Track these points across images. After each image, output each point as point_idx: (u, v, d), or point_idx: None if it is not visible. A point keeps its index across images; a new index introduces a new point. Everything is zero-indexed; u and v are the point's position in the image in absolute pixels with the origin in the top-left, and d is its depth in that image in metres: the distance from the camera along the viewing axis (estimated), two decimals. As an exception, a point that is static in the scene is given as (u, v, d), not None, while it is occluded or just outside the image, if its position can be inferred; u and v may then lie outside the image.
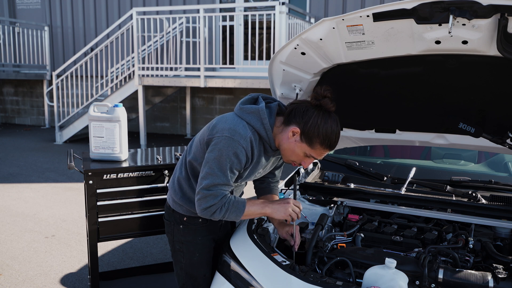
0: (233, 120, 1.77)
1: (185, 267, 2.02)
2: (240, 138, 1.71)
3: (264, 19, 7.08)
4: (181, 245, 2.01)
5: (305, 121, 1.73)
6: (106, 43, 8.47)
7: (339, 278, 1.73)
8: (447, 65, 1.86)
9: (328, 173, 2.69)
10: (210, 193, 1.72)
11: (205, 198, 1.72)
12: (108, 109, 2.67)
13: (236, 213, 1.76)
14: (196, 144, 1.90)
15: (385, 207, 2.31)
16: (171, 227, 2.02)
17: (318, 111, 1.74)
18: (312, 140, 1.74)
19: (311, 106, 1.75)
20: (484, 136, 2.03)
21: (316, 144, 1.74)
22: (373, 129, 2.35)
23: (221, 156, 1.70)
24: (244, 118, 1.78)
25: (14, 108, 11.92)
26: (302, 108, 1.76)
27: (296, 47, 1.92)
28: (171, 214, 2.02)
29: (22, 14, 11.31)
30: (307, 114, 1.74)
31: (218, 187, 1.72)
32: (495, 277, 1.63)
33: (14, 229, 4.40)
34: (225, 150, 1.70)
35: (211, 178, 1.72)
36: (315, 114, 1.73)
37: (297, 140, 1.76)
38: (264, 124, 1.78)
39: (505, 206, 2.18)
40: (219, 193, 1.73)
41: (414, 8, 1.57)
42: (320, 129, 1.72)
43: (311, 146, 1.75)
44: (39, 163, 7.30)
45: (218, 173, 1.71)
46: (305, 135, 1.73)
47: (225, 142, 1.70)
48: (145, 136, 8.53)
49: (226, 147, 1.70)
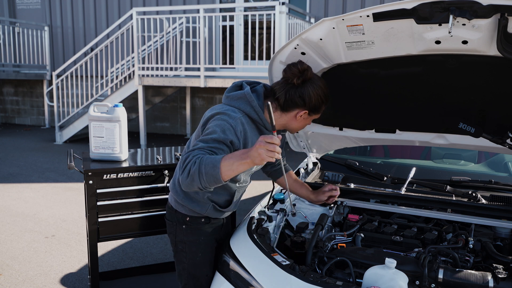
0: (222, 107, 1.80)
1: (188, 267, 2.01)
2: (228, 118, 1.74)
3: (264, 19, 7.08)
4: (183, 245, 2.00)
5: (308, 102, 1.82)
6: (106, 43, 8.47)
7: (339, 278, 1.73)
8: (447, 65, 1.86)
9: (328, 173, 2.69)
10: (187, 155, 1.63)
11: (183, 162, 1.63)
12: (108, 109, 2.67)
13: (212, 164, 1.55)
14: (193, 142, 1.88)
15: (385, 207, 2.31)
16: (174, 228, 2.01)
17: (307, 85, 1.82)
18: (319, 108, 1.88)
19: (300, 86, 1.81)
20: (484, 136, 2.03)
21: (323, 107, 1.90)
22: (373, 129, 2.35)
23: (208, 133, 1.70)
24: (232, 105, 1.81)
25: (14, 108, 11.92)
26: (294, 93, 1.82)
27: (296, 47, 1.92)
28: (173, 214, 2.01)
29: (22, 14, 11.31)
30: (304, 95, 1.81)
31: (198, 151, 1.64)
32: (495, 277, 1.63)
33: (14, 229, 4.40)
34: (212, 128, 1.71)
35: (194, 146, 1.67)
36: (309, 89, 1.81)
37: (306, 118, 1.90)
38: (253, 106, 1.81)
39: (505, 206, 2.18)
40: (197, 153, 1.62)
41: (414, 8, 1.57)
42: (321, 96, 1.85)
43: (319, 112, 1.91)
44: (39, 163, 7.30)
45: (199, 143, 1.67)
46: (313, 109, 1.86)
47: (213, 122, 1.73)
48: (145, 136, 8.53)
49: (214, 126, 1.71)
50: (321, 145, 2.65)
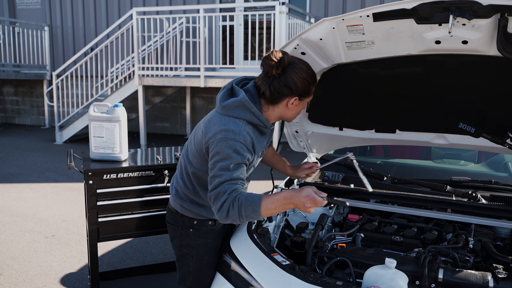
0: (221, 121, 1.73)
1: (194, 271, 1.98)
2: (235, 135, 1.68)
3: (264, 19, 7.08)
4: (190, 249, 1.97)
5: (295, 88, 1.75)
6: (106, 43, 8.47)
7: (339, 278, 1.73)
8: (447, 65, 1.86)
9: (328, 173, 2.68)
10: (218, 191, 1.65)
11: (216, 198, 1.66)
12: (108, 109, 2.67)
13: (252, 208, 1.60)
14: (194, 154, 1.85)
15: (385, 207, 2.31)
16: (178, 232, 1.98)
17: (289, 70, 1.74)
18: (309, 90, 1.80)
19: (281, 75, 1.74)
20: (484, 136, 2.03)
21: (312, 88, 1.82)
22: (373, 129, 2.35)
23: (223, 158, 1.67)
24: (231, 115, 1.74)
25: (14, 108, 11.92)
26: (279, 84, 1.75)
27: (296, 47, 1.92)
28: (178, 219, 1.97)
29: (22, 14, 11.31)
30: (288, 82, 1.74)
31: (224, 183, 1.65)
32: (495, 277, 1.63)
33: (14, 229, 4.40)
34: (224, 151, 1.66)
35: (217, 179, 1.66)
36: (292, 74, 1.73)
37: (297, 104, 1.82)
38: (253, 112, 1.75)
39: (505, 206, 2.18)
40: (227, 187, 1.64)
41: (414, 8, 1.57)
42: (308, 78, 1.76)
43: (310, 94, 1.83)
44: (39, 163, 7.30)
45: (222, 173, 1.66)
46: (302, 94, 1.79)
47: (221, 144, 1.67)
48: (145, 136, 8.53)
49: (225, 148, 1.67)
50: (321, 145, 2.65)
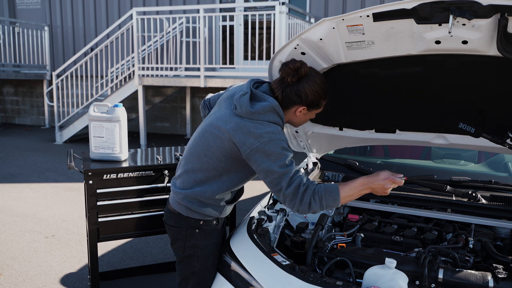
0: (257, 126, 1.76)
1: (199, 272, 1.96)
2: (276, 135, 1.75)
3: (264, 19, 7.08)
4: (195, 250, 1.94)
5: (305, 98, 1.83)
6: (106, 43, 8.47)
7: (339, 278, 1.73)
8: (447, 65, 1.86)
9: (328, 173, 2.68)
10: (294, 187, 1.70)
11: (294, 194, 1.71)
12: (108, 109, 2.67)
13: (332, 197, 1.72)
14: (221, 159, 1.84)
15: (385, 207, 2.31)
16: (182, 233, 1.95)
17: (303, 82, 1.82)
18: (319, 103, 1.89)
19: (295, 83, 1.82)
20: (484, 136, 2.03)
21: (322, 102, 1.90)
22: (373, 129, 2.35)
23: (278, 157, 1.72)
24: (262, 119, 1.77)
25: (14, 108, 11.92)
26: (290, 91, 1.83)
27: (296, 47, 1.92)
28: (182, 221, 1.94)
29: (22, 14, 11.31)
30: (300, 92, 1.82)
31: (294, 177, 1.72)
32: (495, 277, 1.63)
33: (14, 229, 4.40)
34: (276, 151, 1.72)
35: (284, 177, 1.72)
36: (305, 85, 1.82)
37: (305, 113, 1.91)
38: (280, 116, 1.84)
39: (505, 206, 2.18)
40: (299, 180, 1.72)
41: (414, 8, 1.57)
42: (319, 92, 1.85)
43: (319, 107, 1.92)
44: (39, 163, 7.30)
45: (286, 169, 1.72)
46: (312, 105, 1.87)
47: (270, 145, 1.72)
48: (145, 136, 8.53)
49: (274, 148, 1.72)
50: (321, 145, 2.65)
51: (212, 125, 1.87)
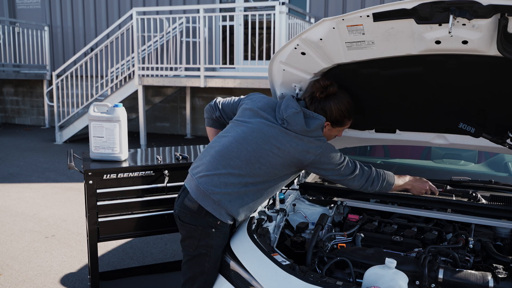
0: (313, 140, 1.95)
1: (208, 272, 1.95)
2: (328, 145, 1.99)
3: (264, 19, 7.08)
4: (208, 249, 1.93)
5: (329, 115, 2.02)
6: (106, 43, 8.47)
7: (339, 278, 1.73)
8: (447, 65, 1.86)
9: (328, 173, 2.68)
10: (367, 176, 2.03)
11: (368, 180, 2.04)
12: (108, 109, 2.67)
13: (389, 183, 2.09)
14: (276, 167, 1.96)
15: (385, 207, 2.31)
16: (198, 232, 1.93)
17: (329, 99, 2.01)
18: (342, 121, 2.06)
19: (322, 100, 2.01)
20: (484, 136, 2.03)
21: (346, 121, 2.08)
22: (373, 129, 2.35)
23: (340, 158, 1.98)
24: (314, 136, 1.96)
25: (14, 108, 11.92)
26: (319, 106, 2.02)
27: (296, 47, 1.92)
28: (200, 219, 1.93)
29: (22, 14, 11.31)
30: (326, 108, 2.01)
31: (363, 169, 2.03)
32: (495, 277, 1.63)
33: (14, 229, 4.40)
34: (336, 155, 1.98)
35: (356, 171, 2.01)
36: (331, 103, 2.01)
37: (330, 129, 2.08)
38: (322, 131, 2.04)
39: (505, 206, 2.18)
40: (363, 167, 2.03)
41: (414, 8, 1.57)
42: (343, 111, 2.03)
43: (343, 125, 2.09)
44: (39, 163, 7.30)
45: (354, 165, 2.02)
46: (335, 123, 2.05)
47: (327, 150, 1.96)
48: (145, 136, 8.53)
49: (331, 151, 1.97)
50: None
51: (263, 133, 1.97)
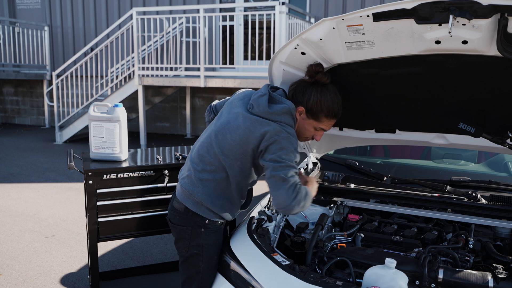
0: (276, 124, 1.81)
1: (203, 271, 1.95)
2: (292, 135, 1.83)
3: (264, 19, 7.08)
4: (200, 249, 1.93)
5: (307, 100, 1.88)
6: (106, 43, 8.47)
7: (339, 278, 1.73)
8: (447, 65, 1.86)
9: (328, 173, 2.68)
10: (294, 181, 1.76)
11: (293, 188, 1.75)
12: (108, 109, 2.67)
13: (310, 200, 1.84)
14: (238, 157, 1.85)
15: (385, 207, 2.31)
16: (188, 232, 1.94)
17: (315, 87, 1.89)
18: (317, 115, 1.90)
19: (308, 84, 1.90)
20: (484, 136, 2.03)
21: (322, 117, 1.91)
22: (373, 129, 2.35)
23: (289, 153, 1.78)
24: (279, 121, 1.82)
25: (14, 108, 11.92)
26: (301, 87, 1.91)
27: (296, 47, 1.92)
28: (188, 219, 1.93)
29: (22, 14, 11.31)
30: (307, 92, 1.88)
31: (295, 176, 1.78)
32: (495, 277, 1.63)
33: (14, 229, 4.40)
34: (290, 148, 1.78)
35: (291, 170, 1.76)
36: (313, 90, 1.88)
37: (304, 118, 1.92)
38: (294, 119, 1.89)
39: (505, 206, 2.18)
40: (297, 180, 1.77)
41: (414, 8, 1.57)
42: (322, 104, 1.88)
43: (318, 120, 1.92)
44: (39, 163, 7.30)
45: (289, 163, 1.77)
46: (310, 112, 1.90)
47: (286, 141, 1.78)
48: (145, 136, 8.53)
49: (289, 145, 1.79)
50: (321, 145, 2.65)
51: (229, 123, 1.87)
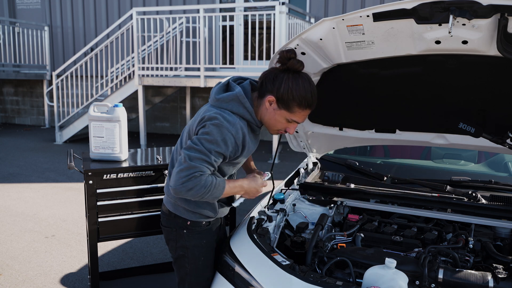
0: (217, 110, 1.74)
1: (190, 273, 1.96)
2: (229, 125, 1.70)
3: (264, 19, 7.08)
4: (185, 251, 1.94)
5: (277, 88, 1.72)
6: (106, 43, 8.47)
7: (339, 278, 1.73)
8: (447, 65, 1.86)
9: (328, 173, 2.68)
10: (194, 165, 1.64)
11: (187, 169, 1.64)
12: (108, 109, 2.67)
13: (215, 195, 1.71)
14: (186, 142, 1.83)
15: (385, 207, 2.31)
16: (173, 234, 1.95)
17: (287, 74, 1.72)
18: (289, 104, 1.73)
19: (279, 71, 1.74)
20: (484, 136, 2.03)
21: (294, 107, 1.74)
22: (373, 129, 2.35)
23: (210, 141, 1.67)
24: (225, 108, 1.75)
25: (14, 108, 11.92)
26: (271, 75, 1.75)
27: (296, 47, 1.92)
28: (171, 220, 1.95)
29: (22, 14, 11.31)
30: (277, 79, 1.72)
31: (204, 163, 1.66)
32: (495, 277, 1.63)
33: (14, 229, 4.40)
34: (215, 135, 1.68)
35: (199, 154, 1.66)
36: (285, 78, 1.71)
37: (275, 108, 1.76)
38: (246, 108, 1.77)
39: (505, 206, 2.18)
40: (204, 169, 1.66)
41: (414, 8, 1.57)
42: (294, 92, 1.71)
43: (290, 110, 1.75)
44: (39, 163, 7.30)
45: (206, 153, 1.66)
46: (281, 101, 1.73)
47: (214, 128, 1.68)
48: (145, 136, 8.53)
49: (216, 133, 1.68)
50: (321, 145, 2.65)
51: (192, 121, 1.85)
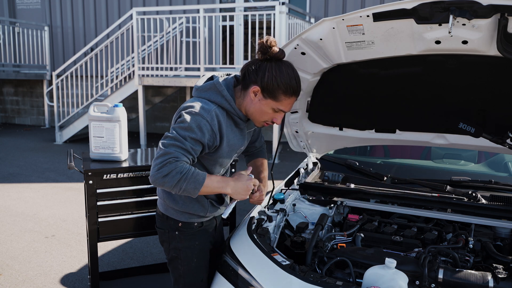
0: (194, 100, 1.75)
1: (184, 274, 1.96)
2: (203, 112, 1.69)
3: (264, 19, 7.08)
4: (178, 252, 1.95)
5: (261, 77, 1.70)
6: (106, 43, 8.47)
7: (339, 278, 1.73)
8: (447, 65, 1.86)
9: (328, 173, 2.68)
10: (169, 151, 1.63)
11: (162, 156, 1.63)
12: (108, 109, 2.67)
13: (194, 185, 1.65)
14: None
15: (385, 207, 2.31)
16: (166, 235, 1.96)
17: (270, 63, 1.71)
18: (274, 93, 1.71)
19: (261, 61, 1.73)
20: (484, 136, 2.03)
21: (280, 95, 1.72)
22: (373, 129, 2.35)
23: (185, 128, 1.67)
24: (203, 97, 1.76)
25: (14, 108, 11.92)
26: (254, 66, 1.74)
27: (296, 47, 1.92)
28: (164, 221, 1.95)
29: (22, 14, 11.32)
30: (261, 69, 1.71)
31: (178, 149, 1.65)
32: (495, 277, 1.63)
33: (14, 229, 4.40)
34: (189, 123, 1.67)
35: (173, 141, 1.65)
36: (268, 66, 1.70)
37: (260, 99, 1.73)
38: (224, 95, 1.75)
39: (505, 206, 2.18)
40: (178, 155, 1.64)
41: (414, 8, 1.57)
42: (279, 80, 1.69)
43: (275, 99, 1.72)
44: (39, 163, 7.30)
45: (180, 139, 1.65)
46: (266, 90, 1.71)
47: (189, 116, 1.68)
48: (145, 136, 8.53)
49: (190, 120, 1.67)
50: (321, 145, 2.65)
51: None
